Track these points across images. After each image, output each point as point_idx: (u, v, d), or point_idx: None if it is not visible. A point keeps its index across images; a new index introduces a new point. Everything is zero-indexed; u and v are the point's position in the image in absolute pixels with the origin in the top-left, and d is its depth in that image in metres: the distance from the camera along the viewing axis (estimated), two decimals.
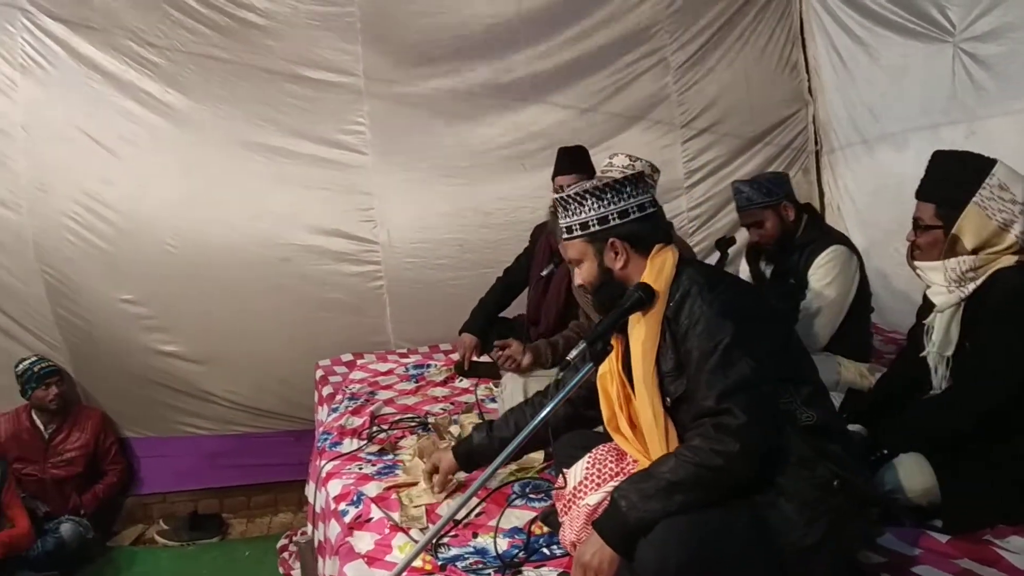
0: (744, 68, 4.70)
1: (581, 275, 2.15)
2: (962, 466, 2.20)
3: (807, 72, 4.80)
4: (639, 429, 2.05)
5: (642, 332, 1.99)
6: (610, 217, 2.07)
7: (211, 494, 4.65)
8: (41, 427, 4.32)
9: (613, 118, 4.59)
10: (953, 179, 2.31)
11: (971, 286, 2.28)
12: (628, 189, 2.09)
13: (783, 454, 1.89)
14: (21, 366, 4.23)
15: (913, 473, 2.19)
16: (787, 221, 3.23)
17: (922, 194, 2.39)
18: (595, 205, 2.07)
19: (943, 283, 2.32)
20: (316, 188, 4.24)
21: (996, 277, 2.25)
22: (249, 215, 4.19)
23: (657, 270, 2.03)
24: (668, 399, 1.97)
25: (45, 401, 4.26)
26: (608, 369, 2.15)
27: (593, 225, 2.08)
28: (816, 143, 4.78)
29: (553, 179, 3.59)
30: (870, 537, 2.07)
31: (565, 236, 2.15)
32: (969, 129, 3.65)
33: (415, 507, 2.41)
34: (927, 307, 2.47)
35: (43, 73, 3.98)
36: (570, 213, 2.11)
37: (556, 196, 2.17)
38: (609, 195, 2.07)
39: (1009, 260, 2.26)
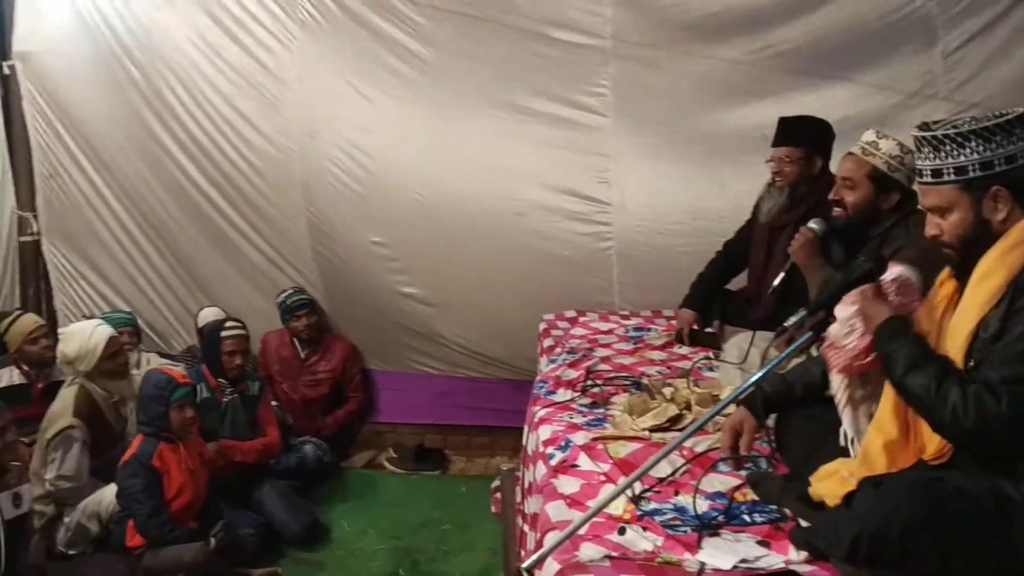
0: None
1: (945, 227, 1.89)
2: None
3: None
4: None
5: (985, 288, 1.81)
6: (996, 163, 1.81)
7: (436, 430, 4.96)
8: (299, 349, 4.82)
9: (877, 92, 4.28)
10: None
11: None
12: (1018, 131, 1.81)
13: None
14: (279, 298, 4.77)
15: None
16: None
17: None
18: (979, 148, 1.81)
19: None
20: (555, 147, 4.32)
21: None
22: (490, 169, 4.36)
23: None
24: (971, 362, 1.80)
25: (298, 330, 4.76)
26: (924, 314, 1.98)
27: (974, 170, 1.82)
28: None
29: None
30: None
31: (929, 180, 1.89)
32: None
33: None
34: None
35: (318, 27, 4.38)
36: (943, 154, 1.86)
37: (920, 133, 1.90)
38: (998, 137, 1.80)
39: None
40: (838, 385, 2.07)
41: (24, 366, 4.22)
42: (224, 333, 4.19)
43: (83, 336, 3.78)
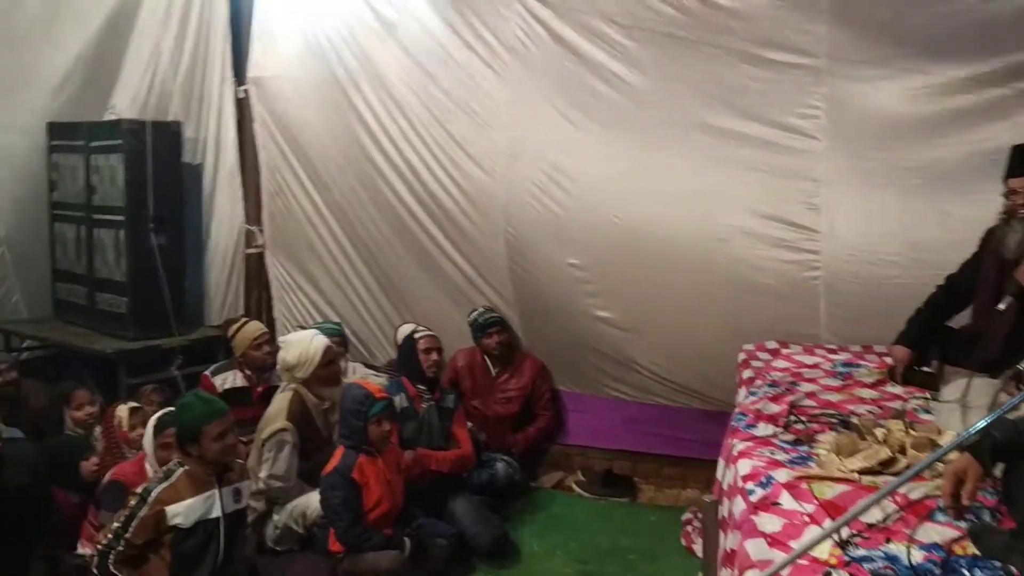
0: None
1: None
2: None
3: None
4: None
5: None
6: None
7: (625, 456, 4.91)
8: (490, 366, 4.93)
9: None
10: None
11: None
12: None
13: None
14: (471, 316, 4.92)
15: None
16: None
17: None
18: None
19: None
20: (761, 171, 4.17)
21: None
22: (692, 194, 4.27)
23: None
24: None
25: (489, 347, 4.87)
26: None
27: None
28: None
29: (1005, 181, 3.19)
30: None
31: None
32: None
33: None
34: None
35: (527, 53, 4.52)
36: None
37: None
38: None
39: None
40: None
41: (247, 370, 4.56)
42: (417, 335, 4.48)
43: (303, 344, 4.04)
